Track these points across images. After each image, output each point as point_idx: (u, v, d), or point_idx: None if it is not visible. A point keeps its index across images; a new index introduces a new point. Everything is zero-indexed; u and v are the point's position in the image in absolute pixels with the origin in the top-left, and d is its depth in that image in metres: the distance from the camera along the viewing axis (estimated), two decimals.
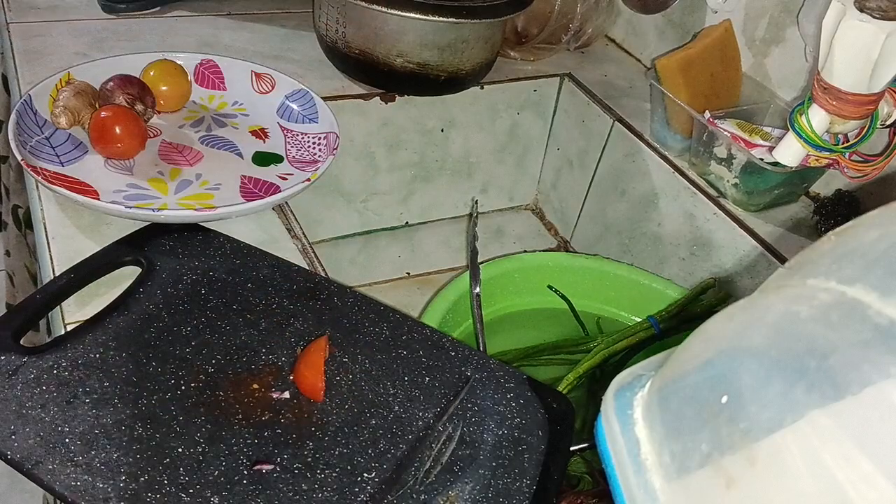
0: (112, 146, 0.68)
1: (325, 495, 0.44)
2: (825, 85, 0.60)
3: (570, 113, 0.98)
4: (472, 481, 0.46)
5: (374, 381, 0.52)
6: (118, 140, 0.68)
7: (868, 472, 0.23)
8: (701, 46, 0.82)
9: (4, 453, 0.43)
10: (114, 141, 0.68)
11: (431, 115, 0.92)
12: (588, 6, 0.98)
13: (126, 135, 0.68)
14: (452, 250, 0.99)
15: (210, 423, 0.47)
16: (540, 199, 1.07)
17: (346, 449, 0.47)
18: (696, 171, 0.82)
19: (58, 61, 0.80)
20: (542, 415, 0.51)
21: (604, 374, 0.72)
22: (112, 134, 0.67)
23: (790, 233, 0.77)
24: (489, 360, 0.55)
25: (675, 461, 0.29)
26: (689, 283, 0.82)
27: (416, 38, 0.81)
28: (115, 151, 0.68)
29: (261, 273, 0.58)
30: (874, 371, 0.23)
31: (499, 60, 0.93)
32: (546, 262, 0.82)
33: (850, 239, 0.28)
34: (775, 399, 0.25)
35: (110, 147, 0.68)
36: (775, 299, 0.28)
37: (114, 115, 0.68)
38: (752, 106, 0.84)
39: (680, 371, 0.31)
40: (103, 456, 0.44)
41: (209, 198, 0.68)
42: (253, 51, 0.89)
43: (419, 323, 0.57)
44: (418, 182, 0.97)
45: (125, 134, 0.68)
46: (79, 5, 0.91)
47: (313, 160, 0.75)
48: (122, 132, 0.68)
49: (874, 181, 0.71)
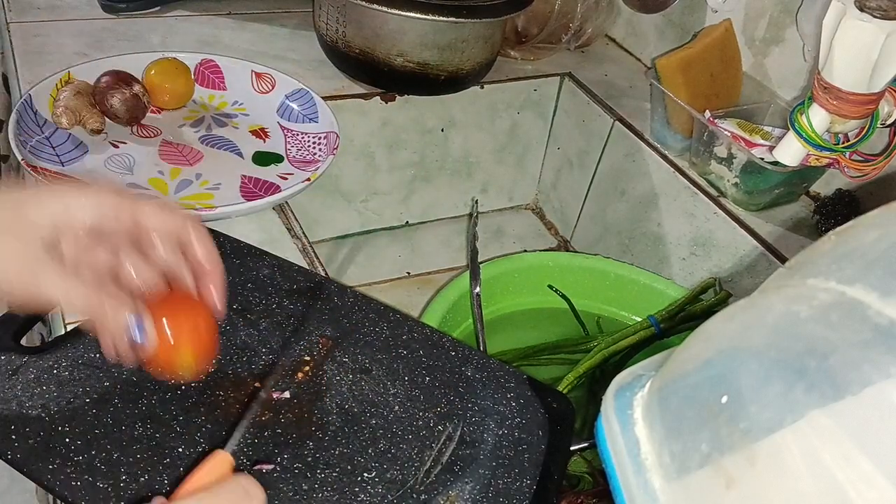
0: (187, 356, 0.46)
1: (325, 495, 0.44)
2: (825, 84, 0.60)
3: (571, 113, 0.98)
4: (472, 481, 0.46)
5: (374, 381, 0.52)
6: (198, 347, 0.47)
7: (868, 472, 0.23)
8: (701, 46, 0.82)
9: (4, 453, 0.43)
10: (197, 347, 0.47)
11: (431, 115, 0.92)
12: (588, 6, 0.98)
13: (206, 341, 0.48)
14: (452, 250, 0.99)
15: (210, 423, 0.47)
16: (540, 199, 1.07)
17: (346, 449, 0.47)
18: (696, 170, 0.82)
19: (58, 61, 0.80)
20: (542, 415, 0.51)
21: (604, 374, 0.72)
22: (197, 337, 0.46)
23: (790, 233, 0.77)
24: (489, 360, 0.55)
25: (675, 461, 0.29)
26: (689, 283, 0.82)
27: (416, 37, 0.81)
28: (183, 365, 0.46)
29: (261, 273, 0.58)
30: (874, 371, 0.23)
31: (499, 60, 0.93)
32: (546, 261, 0.82)
33: (850, 239, 0.28)
34: (775, 399, 0.25)
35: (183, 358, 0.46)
36: (775, 299, 0.28)
37: (194, 312, 0.47)
38: (752, 106, 0.84)
39: (680, 371, 0.31)
40: (103, 456, 0.44)
41: (209, 197, 0.68)
42: (253, 51, 0.89)
43: (419, 323, 0.57)
44: (418, 182, 0.97)
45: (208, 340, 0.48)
46: (79, 5, 0.91)
47: (313, 160, 0.75)
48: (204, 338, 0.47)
49: (874, 181, 0.71)
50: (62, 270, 0.43)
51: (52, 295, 0.43)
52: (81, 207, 0.44)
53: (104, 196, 0.45)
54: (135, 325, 0.44)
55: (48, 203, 0.44)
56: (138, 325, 0.44)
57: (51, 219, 0.44)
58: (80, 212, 0.44)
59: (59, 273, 0.43)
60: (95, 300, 0.43)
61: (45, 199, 0.44)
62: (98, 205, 0.44)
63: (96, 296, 0.43)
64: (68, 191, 0.45)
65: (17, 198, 0.44)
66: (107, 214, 0.45)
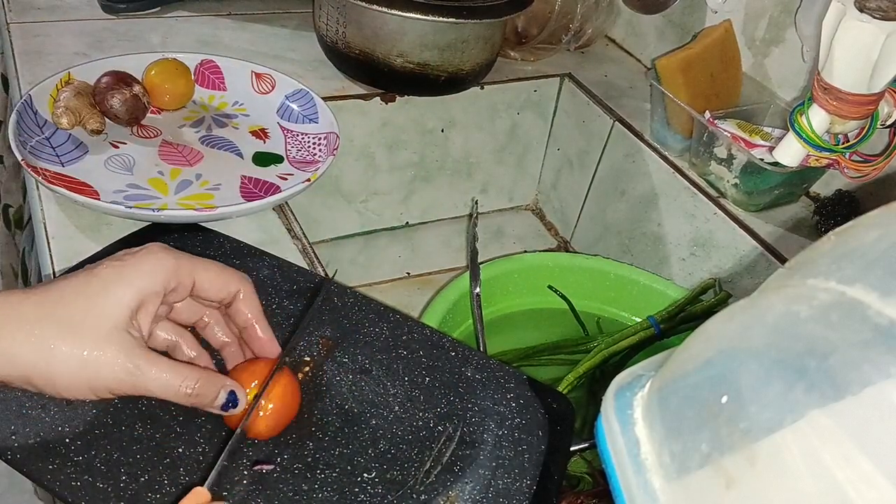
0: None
1: (325, 495, 0.44)
2: (825, 85, 0.60)
3: (570, 113, 0.98)
4: (472, 481, 0.46)
5: (374, 381, 0.52)
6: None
7: (868, 472, 0.23)
8: (701, 46, 0.82)
9: (4, 453, 0.43)
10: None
11: (431, 116, 0.92)
12: (588, 6, 0.98)
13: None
14: (452, 250, 0.99)
15: (210, 423, 0.47)
16: (540, 200, 1.07)
17: (346, 449, 0.47)
18: (696, 171, 0.82)
19: (58, 61, 0.80)
20: (542, 415, 0.51)
21: (604, 374, 0.72)
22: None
23: (790, 233, 0.77)
24: (489, 360, 0.55)
25: (675, 461, 0.29)
26: (689, 283, 0.82)
27: (416, 38, 0.81)
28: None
29: (261, 273, 0.58)
30: (874, 371, 0.23)
31: (499, 60, 0.93)
32: (546, 262, 0.82)
33: (850, 239, 0.28)
34: (775, 399, 0.25)
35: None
36: (775, 299, 0.28)
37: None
38: (752, 106, 0.84)
39: (680, 371, 0.31)
40: (103, 456, 0.44)
41: (209, 198, 0.68)
42: (253, 51, 0.89)
43: (419, 323, 0.57)
44: (418, 182, 0.97)
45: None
46: (79, 5, 0.91)
47: (313, 160, 0.75)
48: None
49: (874, 181, 0.71)
50: (156, 359, 0.42)
51: (153, 390, 0.42)
52: (151, 279, 0.42)
53: (162, 262, 0.43)
54: (228, 398, 0.44)
55: (116, 290, 0.42)
56: (232, 399, 0.44)
57: (126, 303, 0.41)
58: (152, 284, 0.42)
59: (154, 363, 0.41)
60: (193, 382, 0.42)
61: (111, 283, 0.42)
62: (162, 271, 0.43)
63: (193, 376, 0.42)
64: (126, 267, 0.43)
65: (82, 290, 0.41)
66: (169, 281, 0.43)
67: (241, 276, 0.47)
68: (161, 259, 0.43)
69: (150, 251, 0.44)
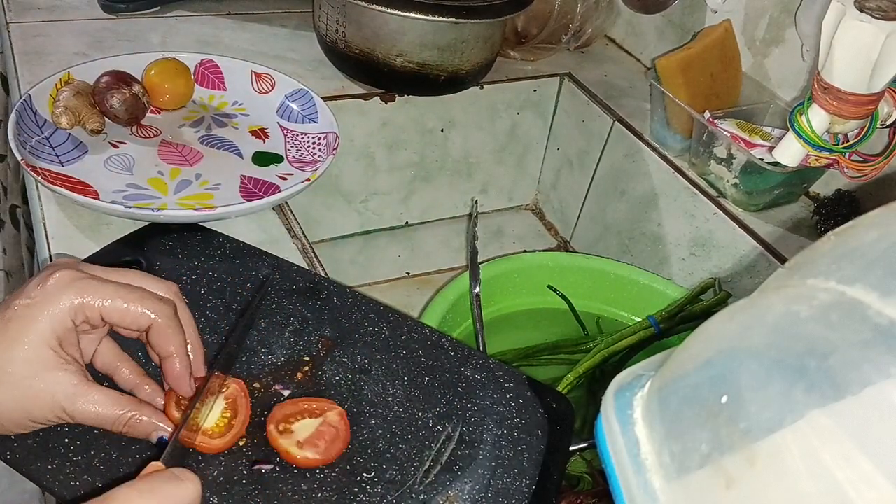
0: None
1: (325, 495, 0.44)
2: (825, 85, 0.60)
3: (570, 113, 0.98)
4: (472, 481, 0.46)
5: (373, 382, 0.52)
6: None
7: (868, 472, 0.23)
8: (701, 46, 0.82)
9: (4, 453, 0.43)
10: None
11: (431, 115, 0.92)
12: (588, 6, 0.98)
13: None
14: (452, 250, 0.99)
15: None
16: (540, 199, 1.07)
17: (345, 449, 0.47)
18: (696, 171, 0.82)
19: (58, 61, 0.80)
20: (542, 415, 0.51)
21: (604, 374, 0.72)
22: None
23: (790, 233, 0.77)
24: (489, 360, 0.55)
25: (675, 461, 0.29)
26: (689, 283, 0.82)
27: (416, 38, 0.81)
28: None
29: (261, 273, 0.58)
30: (874, 371, 0.23)
31: (499, 60, 0.93)
32: (546, 262, 0.82)
33: (850, 239, 0.28)
34: (775, 399, 0.25)
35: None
36: (775, 299, 0.28)
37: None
38: (752, 106, 0.84)
39: (680, 371, 0.31)
40: (103, 456, 0.44)
41: (209, 198, 0.68)
42: (253, 51, 0.89)
43: (419, 323, 0.57)
44: (418, 182, 0.97)
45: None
46: (79, 5, 0.91)
47: (313, 160, 0.75)
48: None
49: (874, 181, 0.71)
50: (92, 396, 0.42)
51: (89, 423, 0.43)
52: (61, 317, 0.42)
53: (66, 299, 0.42)
54: (157, 442, 0.45)
55: (35, 329, 0.42)
56: (160, 442, 0.45)
57: (46, 341, 0.42)
58: (62, 321, 0.42)
59: (90, 401, 0.42)
60: (122, 425, 0.43)
61: (29, 324, 0.42)
62: (67, 309, 0.42)
63: (124, 418, 0.43)
64: (34, 307, 0.42)
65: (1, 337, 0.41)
66: (76, 316, 0.43)
67: (157, 307, 0.45)
68: (65, 297, 0.42)
69: (57, 285, 0.43)
